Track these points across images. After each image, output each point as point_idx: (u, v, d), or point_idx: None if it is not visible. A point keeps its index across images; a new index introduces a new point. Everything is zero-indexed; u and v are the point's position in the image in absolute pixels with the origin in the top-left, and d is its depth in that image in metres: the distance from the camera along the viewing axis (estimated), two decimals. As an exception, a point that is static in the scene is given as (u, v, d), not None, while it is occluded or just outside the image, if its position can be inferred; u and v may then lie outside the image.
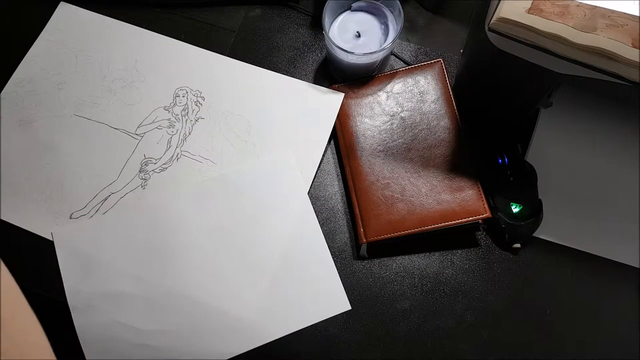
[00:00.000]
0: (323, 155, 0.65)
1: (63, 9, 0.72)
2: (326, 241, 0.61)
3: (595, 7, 0.45)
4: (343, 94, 0.65)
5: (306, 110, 0.66)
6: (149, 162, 0.65)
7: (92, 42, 0.70)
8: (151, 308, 0.59)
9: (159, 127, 0.66)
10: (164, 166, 0.65)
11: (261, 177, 0.63)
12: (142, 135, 0.66)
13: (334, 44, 0.60)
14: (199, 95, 0.67)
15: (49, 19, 0.71)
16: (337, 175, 0.65)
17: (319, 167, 0.64)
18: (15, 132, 0.66)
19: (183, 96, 0.67)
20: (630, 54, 0.43)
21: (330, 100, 0.65)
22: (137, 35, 0.70)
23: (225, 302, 0.59)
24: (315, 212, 0.62)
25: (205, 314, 0.59)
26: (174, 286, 0.60)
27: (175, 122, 0.66)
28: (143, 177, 0.64)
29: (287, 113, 0.66)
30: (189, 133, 0.66)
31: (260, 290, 0.60)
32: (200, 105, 0.67)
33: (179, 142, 0.66)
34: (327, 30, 0.62)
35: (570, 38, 0.44)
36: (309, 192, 0.63)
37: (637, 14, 0.44)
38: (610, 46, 0.43)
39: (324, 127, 0.65)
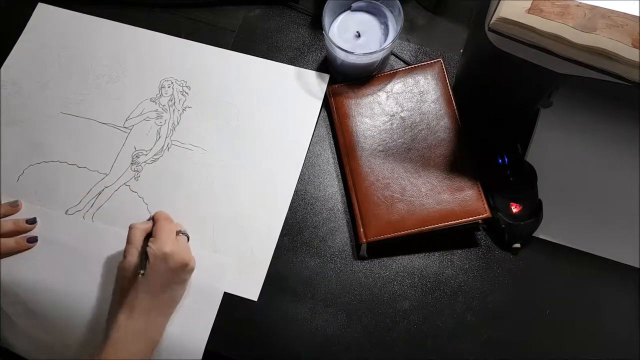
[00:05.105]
0: (312, 135, 0.66)
1: (41, 10, 0.72)
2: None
3: (595, 7, 0.45)
4: (328, 75, 0.67)
5: (293, 93, 0.67)
6: (140, 153, 0.65)
7: (73, 41, 0.70)
8: None
9: (147, 119, 0.67)
10: (155, 157, 0.65)
11: None
12: (130, 128, 0.67)
13: (334, 44, 0.60)
14: (184, 85, 0.68)
15: (27, 21, 0.71)
16: (337, 175, 0.65)
17: (318, 165, 0.64)
18: (4, 134, 0.66)
19: (168, 87, 0.68)
20: (630, 54, 0.43)
21: (316, 81, 0.67)
22: (117, 30, 0.71)
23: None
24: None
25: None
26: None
27: (163, 113, 0.67)
28: (135, 169, 0.65)
29: (274, 96, 0.67)
30: (178, 122, 0.67)
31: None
32: (186, 95, 0.68)
33: (169, 132, 0.66)
34: (327, 30, 0.62)
35: (570, 38, 0.44)
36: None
37: (637, 14, 0.44)
38: (610, 46, 0.43)
39: (312, 107, 0.66)
